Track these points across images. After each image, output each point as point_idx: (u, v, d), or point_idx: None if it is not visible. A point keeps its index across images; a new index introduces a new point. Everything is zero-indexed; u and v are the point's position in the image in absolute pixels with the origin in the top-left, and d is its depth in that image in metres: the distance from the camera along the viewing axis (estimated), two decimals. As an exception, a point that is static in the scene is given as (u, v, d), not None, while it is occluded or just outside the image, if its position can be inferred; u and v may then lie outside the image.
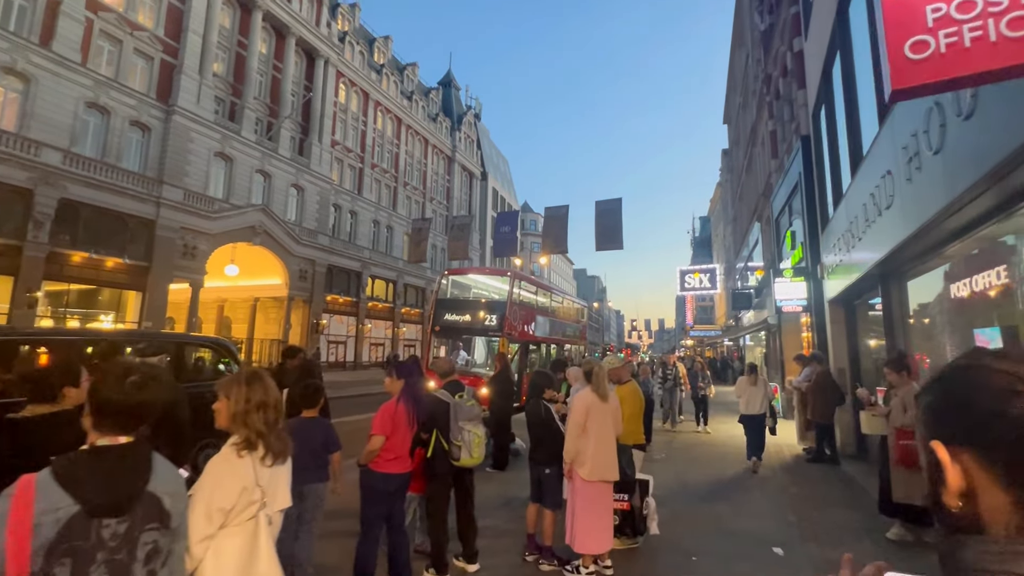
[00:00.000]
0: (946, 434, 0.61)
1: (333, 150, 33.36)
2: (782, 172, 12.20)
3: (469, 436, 3.69)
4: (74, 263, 18.98)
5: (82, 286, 20.30)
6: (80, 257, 19.00)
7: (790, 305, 9.46)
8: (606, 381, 3.68)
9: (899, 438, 4.29)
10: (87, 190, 19.01)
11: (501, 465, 6.83)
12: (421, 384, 3.54)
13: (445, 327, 13.38)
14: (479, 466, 6.91)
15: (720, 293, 36.86)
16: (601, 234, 24.09)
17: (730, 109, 28.60)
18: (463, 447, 3.65)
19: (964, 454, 0.58)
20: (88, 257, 19.25)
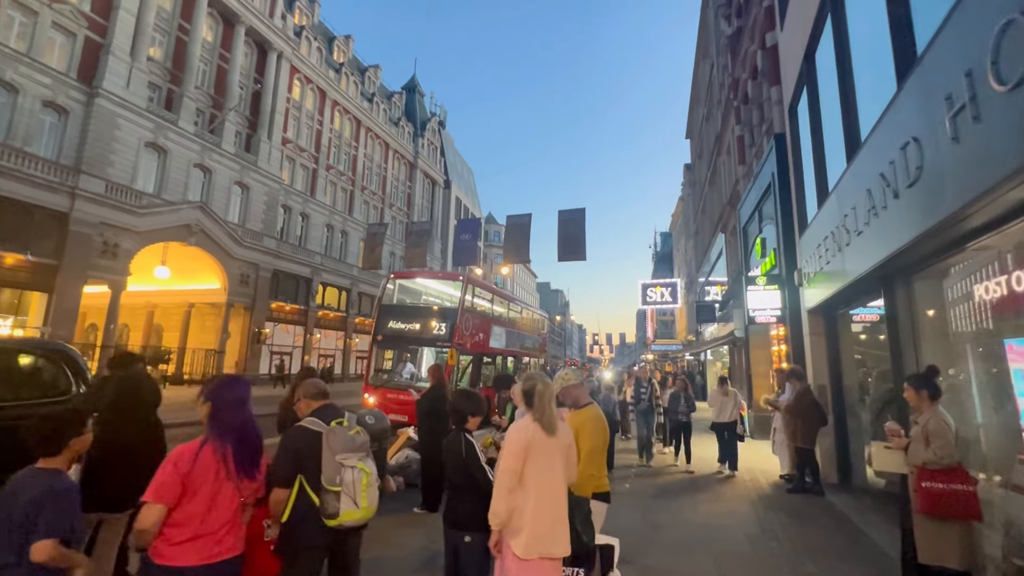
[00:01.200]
0: None
1: (284, 148, 31.42)
2: (751, 177, 11.63)
3: (355, 476, 2.48)
4: (-41, 258, 16.47)
5: (-30, 285, 17.68)
6: (-33, 251, 16.51)
7: (763, 315, 8.70)
8: (554, 405, 2.54)
9: (922, 479, 3.34)
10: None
11: (432, 505, 5.57)
12: (240, 410, 2.28)
13: (389, 336, 12.01)
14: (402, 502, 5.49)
15: (681, 308, 36.81)
16: (564, 244, 23.29)
17: (693, 123, 28.68)
18: (343, 494, 2.43)
19: None
20: (-22, 252, 16.76)
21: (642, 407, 9.08)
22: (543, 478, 2.39)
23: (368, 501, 2.52)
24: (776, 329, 9.98)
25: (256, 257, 27.33)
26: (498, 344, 14.29)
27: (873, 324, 6.80)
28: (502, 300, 15.51)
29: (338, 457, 2.45)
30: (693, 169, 29.92)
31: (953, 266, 3.94)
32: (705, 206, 23.63)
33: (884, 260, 4.16)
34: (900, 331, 4.54)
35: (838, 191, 5.44)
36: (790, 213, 8.36)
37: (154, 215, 21.76)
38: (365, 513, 2.49)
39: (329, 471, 2.43)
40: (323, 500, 2.42)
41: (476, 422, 2.92)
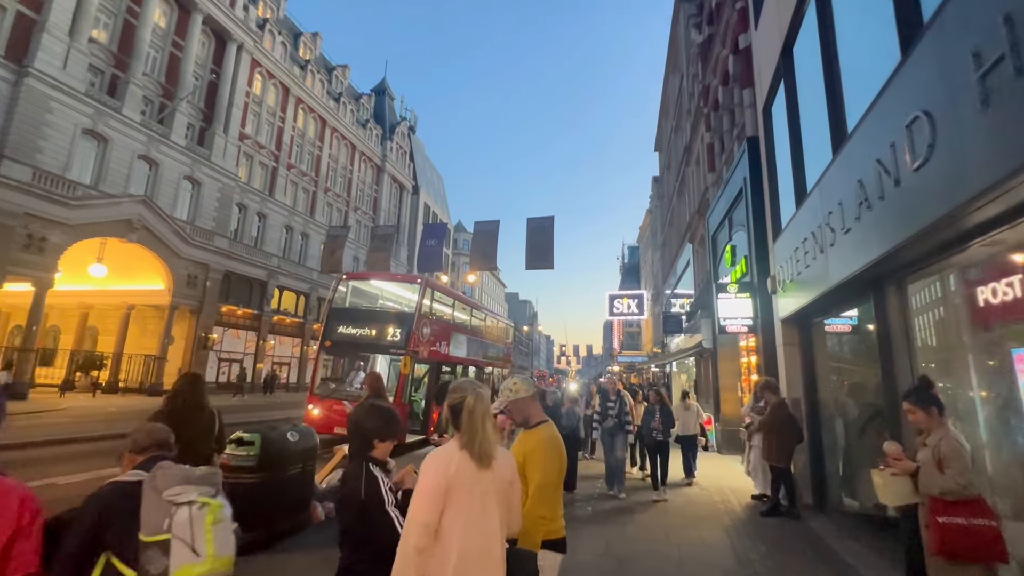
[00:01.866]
0: None
1: (242, 144, 29.87)
2: (721, 184, 11.37)
3: (192, 513, 1.71)
4: None
5: None
6: None
7: (734, 324, 8.29)
8: (489, 426, 1.86)
9: (936, 512, 2.81)
10: None
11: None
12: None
13: (339, 342, 11.07)
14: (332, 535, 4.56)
15: (647, 319, 36.88)
16: (532, 252, 22.73)
17: (662, 135, 28.88)
18: (174, 540, 1.65)
19: None
20: None
21: (609, 425, 7.34)
22: (471, 530, 1.69)
23: (216, 547, 1.74)
24: (746, 340, 9.63)
25: (206, 257, 25.64)
26: (459, 353, 13.52)
27: (845, 335, 6.45)
28: (464, 306, 14.77)
29: (167, 494, 1.68)
30: (661, 181, 30.11)
31: (955, 265, 3.50)
32: (673, 217, 23.63)
33: (880, 258, 3.69)
34: (893, 339, 4.09)
35: (821, 187, 5.01)
36: (762, 218, 8.01)
37: (90, 208, 20.01)
38: (212, 565, 1.71)
39: (154, 517, 1.66)
40: (144, 561, 1.64)
41: (386, 448, 2.20)
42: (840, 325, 6.45)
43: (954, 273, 3.57)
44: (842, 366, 6.24)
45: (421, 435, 11.41)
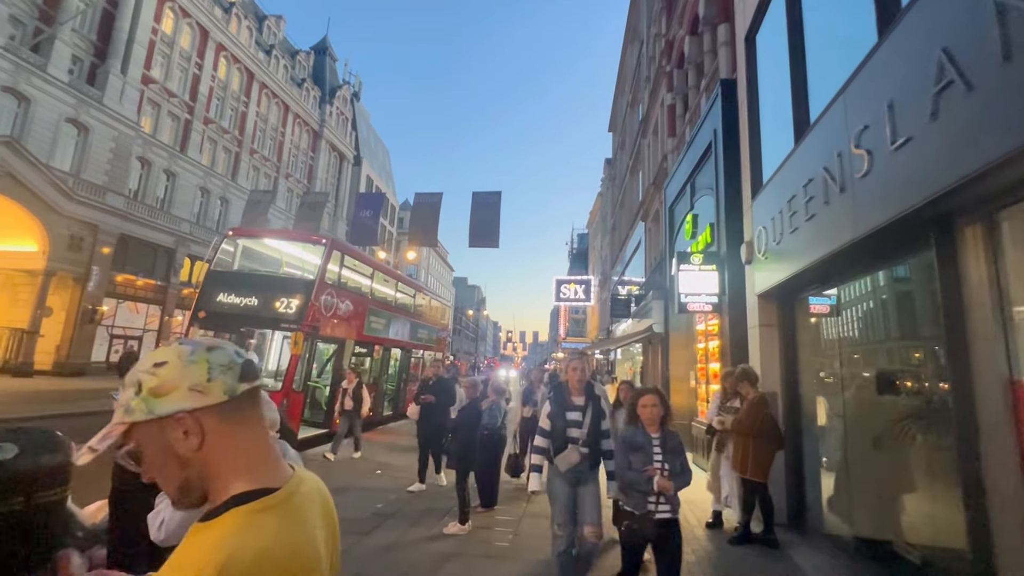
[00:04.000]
0: None
1: (146, 88, 25.84)
2: (682, 147, 10.04)
3: None
4: None
5: None
6: None
7: (697, 302, 6.93)
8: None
9: None
10: None
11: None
12: None
13: (215, 313, 8.82)
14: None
15: (593, 306, 36.12)
16: (476, 229, 20.91)
17: (617, 114, 27.69)
18: None
19: None
20: None
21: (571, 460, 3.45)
22: None
23: None
24: (704, 323, 8.34)
25: (95, 216, 21.89)
26: (379, 332, 11.57)
27: (824, 318, 5.17)
28: (388, 278, 12.76)
29: None
30: (614, 162, 29.03)
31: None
32: (624, 198, 22.51)
33: (978, 173, 2.21)
34: (969, 302, 2.68)
35: (848, 98, 3.55)
36: (736, 175, 6.64)
37: (-72, 144, 16.14)
38: None
39: None
40: None
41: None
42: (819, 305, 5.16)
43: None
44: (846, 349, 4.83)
45: (323, 428, 9.46)
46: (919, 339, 3.56)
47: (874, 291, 4.27)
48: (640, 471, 3.07)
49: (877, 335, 4.27)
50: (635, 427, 3.28)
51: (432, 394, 6.78)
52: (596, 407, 3.60)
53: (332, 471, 7.23)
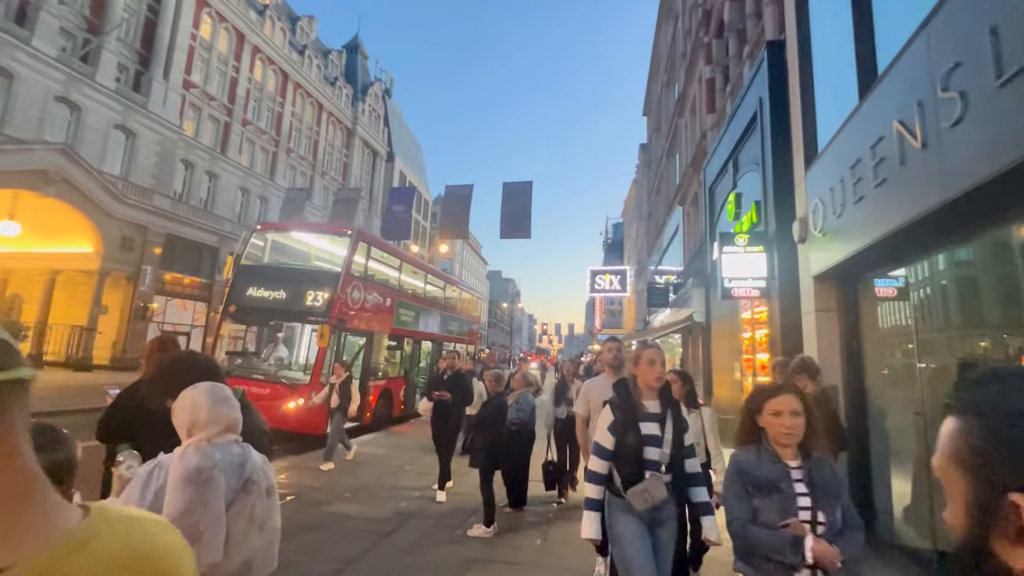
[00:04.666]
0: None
1: (187, 93, 26.76)
2: (723, 122, 9.34)
3: None
4: None
5: None
6: None
7: (743, 287, 6.35)
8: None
9: None
10: None
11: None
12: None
13: (246, 307, 8.86)
14: None
15: (630, 296, 35.21)
16: (508, 219, 20.58)
17: (651, 97, 26.65)
18: None
19: None
20: None
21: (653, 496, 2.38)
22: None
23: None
24: (750, 309, 7.71)
25: (144, 218, 22.86)
26: (409, 324, 11.43)
27: (894, 301, 4.54)
28: (417, 270, 12.60)
29: None
30: (648, 147, 28.01)
31: None
32: (660, 183, 21.62)
33: None
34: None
35: (930, 36, 2.96)
36: (786, 144, 6.00)
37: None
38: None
39: None
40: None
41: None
42: (885, 288, 4.53)
43: None
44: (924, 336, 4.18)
45: (355, 422, 9.38)
46: (1019, 324, 2.97)
47: (958, 267, 3.65)
48: (776, 528, 1.82)
49: (963, 319, 3.65)
50: (756, 450, 1.98)
51: (446, 390, 5.99)
52: (677, 416, 2.55)
53: (358, 467, 7.08)
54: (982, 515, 0.48)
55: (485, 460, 4.76)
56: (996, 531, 0.47)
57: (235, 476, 1.51)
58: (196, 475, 1.41)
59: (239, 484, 1.52)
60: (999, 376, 0.54)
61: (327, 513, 4.96)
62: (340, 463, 7.22)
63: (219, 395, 1.56)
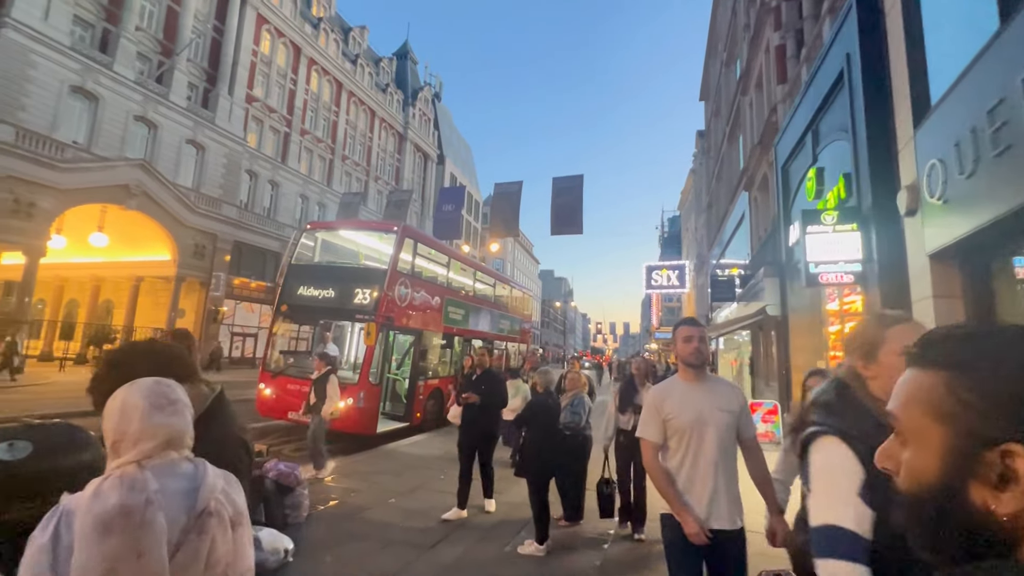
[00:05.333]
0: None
1: (249, 107, 28.17)
2: (799, 91, 8.33)
3: None
4: None
5: None
6: None
7: (832, 272, 5.46)
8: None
9: None
10: None
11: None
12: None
13: (297, 307, 8.88)
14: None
15: (689, 292, 33.51)
16: (558, 215, 20.01)
17: (709, 78, 25.10)
18: None
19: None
20: None
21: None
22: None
23: None
24: (837, 299, 6.73)
25: (213, 226, 24.26)
26: (458, 323, 11.16)
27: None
28: (464, 267, 12.32)
29: None
30: (707, 133, 26.42)
31: None
32: (721, 170, 20.24)
33: None
34: None
35: None
36: (883, 102, 5.08)
37: (82, 171, 18.67)
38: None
39: None
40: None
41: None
42: None
43: None
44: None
45: (405, 422, 9.19)
46: None
47: None
48: None
49: None
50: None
51: (476, 391, 5.17)
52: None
53: (405, 470, 6.80)
54: (962, 463, 0.51)
55: (535, 468, 4.26)
56: (975, 479, 0.50)
57: (181, 509, 1.11)
58: (120, 519, 1.01)
59: (188, 520, 1.11)
60: (982, 333, 0.56)
61: (368, 521, 4.66)
62: (387, 465, 6.98)
63: (161, 396, 1.17)
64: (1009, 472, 0.48)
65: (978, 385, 0.51)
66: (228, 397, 1.56)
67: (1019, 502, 0.47)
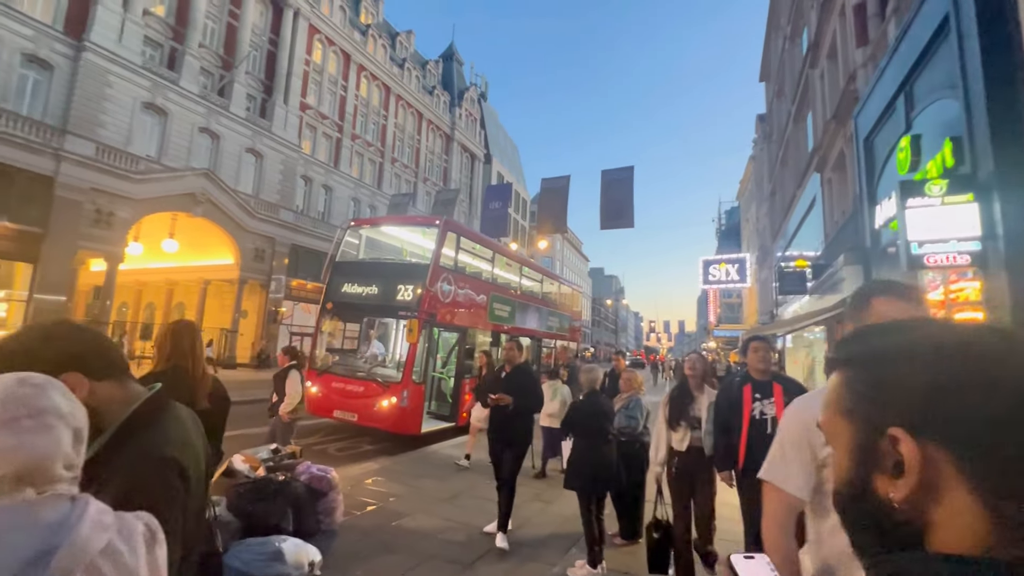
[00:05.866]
0: (916, 421, 0.49)
1: (303, 114, 29.20)
2: (885, 53, 7.29)
3: None
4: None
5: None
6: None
7: (943, 253, 4.58)
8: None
9: None
10: (-48, 133, 15.09)
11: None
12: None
13: (342, 304, 8.80)
14: None
15: (750, 287, 31.56)
16: (608, 209, 19.29)
17: (770, 58, 23.38)
18: None
19: (935, 448, 0.48)
20: (-51, 217, 15.31)
21: None
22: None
23: None
24: (942, 286, 5.73)
25: (272, 230, 25.31)
26: (504, 320, 10.78)
27: None
28: (510, 262, 11.91)
29: None
30: (769, 116, 24.64)
31: None
32: (786, 153, 18.72)
33: None
34: None
35: None
36: (1005, 49, 4.17)
37: (153, 182, 19.91)
38: None
39: None
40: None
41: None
42: None
43: None
44: None
45: (450, 422, 8.91)
46: None
47: None
48: None
49: None
50: None
51: (506, 392, 4.28)
52: None
53: (449, 474, 6.46)
54: (864, 456, 0.52)
55: (585, 480, 3.74)
56: (877, 469, 0.51)
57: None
58: None
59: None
60: (869, 331, 0.58)
61: (405, 530, 4.33)
62: (430, 468, 6.68)
63: (17, 405, 0.78)
64: (900, 458, 0.48)
65: (868, 376, 0.53)
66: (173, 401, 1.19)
67: (910, 487, 0.48)
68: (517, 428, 4.30)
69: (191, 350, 2.39)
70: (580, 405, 3.90)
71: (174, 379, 2.33)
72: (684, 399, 3.53)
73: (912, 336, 0.53)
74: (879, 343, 0.55)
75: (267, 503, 3.35)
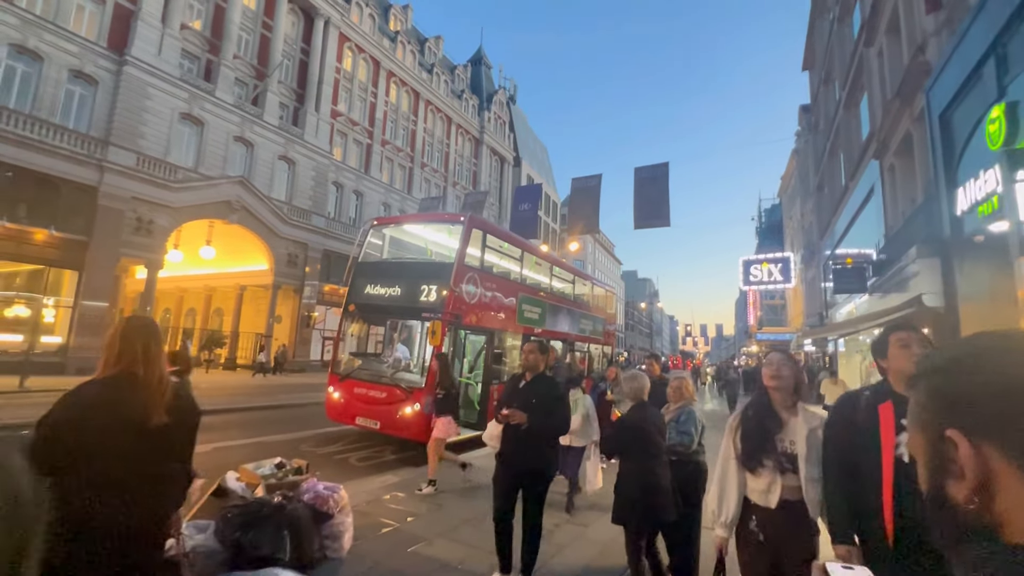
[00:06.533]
0: (968, 423, 0.52)
1: (334, 121, 29.54)
2: (968, 14, 6.38)
3: None
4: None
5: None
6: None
7: (1068, 234, 3.76)
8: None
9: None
10: (5, 147, 15.73)
11: None
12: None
13: (365, 305, 8.44)
14: None
15: (795, 287, 29.88)
16: (642, 207, 18.49)
17: (815, 42, 22.03)
18: None
19: (987, 446, 0.51)
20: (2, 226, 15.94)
21: None
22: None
23: None
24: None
25: (304, 236, 25.61)
26: (534, 322, 10.21)
27: None
28: (540, 261, 11.33)
29: None
30: (814, 106, 23.22)
31: None
32: (836, 143, 17.45)
33: None
34: None
35: None
36: None
37: (190, 190, 20.39)
38: None
39: None
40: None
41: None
42: None
43: None
44: None
45: (477, 430, 8.38)
46: None
47: None
48: None
49: None
50: None
51: (524, 405, 3.44)
52: None
53: (473, 491, 5.92)
54: (934, 463, 0.55)
55: (640, 512, 3.09)
56: (946, 475, 0.54)
57: None
58: None
59: None
60: (932, 351, 0.63)
61: (421, 557, 3.82)
62: (454, 482, 6.17)
63: None
64: (960, 461, 0.51)
65: (927, 387, 0.58)
66: None
67: (970, 486, 0.50)
68: (530, 456, 3.43)
69: (143, 353, 1.95)
70: (627, 420, 3.26)
71: (121, 388, 1.90)
72: (766, 422, 2.29)
73: (960, 348, 0.57)
74: (937, 357, 0.58)
75: (258, 529, 2.91)
